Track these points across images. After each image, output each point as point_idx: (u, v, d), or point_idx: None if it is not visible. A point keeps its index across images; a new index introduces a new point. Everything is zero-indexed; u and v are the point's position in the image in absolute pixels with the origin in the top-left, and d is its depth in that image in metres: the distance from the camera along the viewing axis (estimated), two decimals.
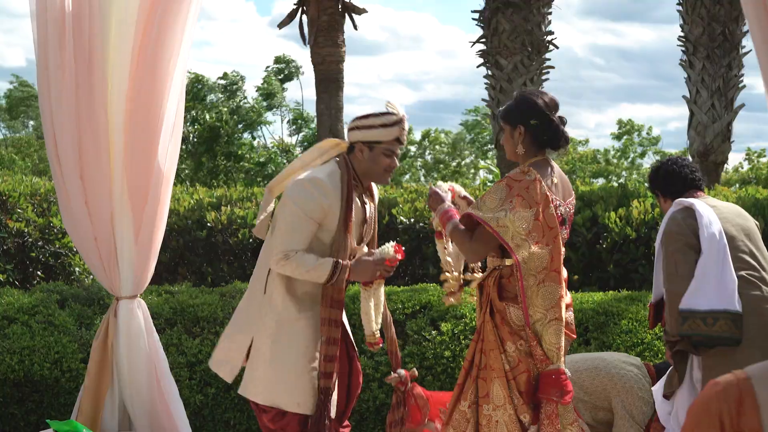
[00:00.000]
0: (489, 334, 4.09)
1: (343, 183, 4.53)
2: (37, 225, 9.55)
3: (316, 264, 4.42)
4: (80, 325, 7.23)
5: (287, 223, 4.45)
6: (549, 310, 4.01)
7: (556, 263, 4.02)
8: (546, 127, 4.16)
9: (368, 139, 4.53)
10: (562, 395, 3.98)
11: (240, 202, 10.14)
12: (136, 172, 5.75)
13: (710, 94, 13.69)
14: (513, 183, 4.06)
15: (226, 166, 27.72)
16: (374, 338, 4.74)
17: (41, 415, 6.84)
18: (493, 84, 14.21)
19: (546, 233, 4.01)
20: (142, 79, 5.68)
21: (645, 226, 8.36)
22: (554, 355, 4.00)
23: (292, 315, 4.56)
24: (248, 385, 4.68)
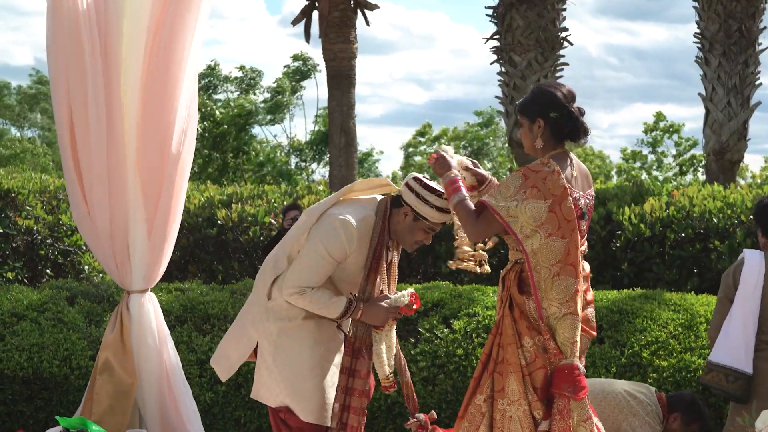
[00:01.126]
0: (507, 329, 4.03)
1: (375, 232, 4.53)
2: (47, 222, 9.52)
3: (330, 302, 4.46)
4: (89, 323, 7.19)
5: (309, 258, 4.46)
6: (564, 303, 3.94)
7: (572, 257, 3.95)
8: (566, 119, 4.08)
9: (418, 211, 4.48)
10: (575, 391, 3.91)
11: (251, 199, 10.11)
12: (149, 168, 5.75)
13: (726, 91, 13.58)
14: (530, 173, 3.99)
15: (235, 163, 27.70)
16: (388, 381, 4.71)
17: (50, 412, 6.79)
18: (506, 81, 14.14)
19: (562, 225, 3.94)
20: (154, 77, 5.69)
21: (660, 224, 8.29)
22: (568, 350, 3.94)
23: (296, 322, 4.55)
24: (259, 390, 4.67)
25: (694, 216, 8.29)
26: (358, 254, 4.51)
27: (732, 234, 8.07)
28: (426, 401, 6.45)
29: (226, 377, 4.82)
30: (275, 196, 10.13)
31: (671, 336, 6.35)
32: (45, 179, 10.50)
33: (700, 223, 8.21)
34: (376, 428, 6.53)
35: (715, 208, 8.31)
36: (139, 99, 5.73)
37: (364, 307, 4.50)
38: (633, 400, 5.24)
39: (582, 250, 4.12)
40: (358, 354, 4.57)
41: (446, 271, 8.78)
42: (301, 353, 4.52)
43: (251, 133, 29.19)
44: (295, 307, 4.53)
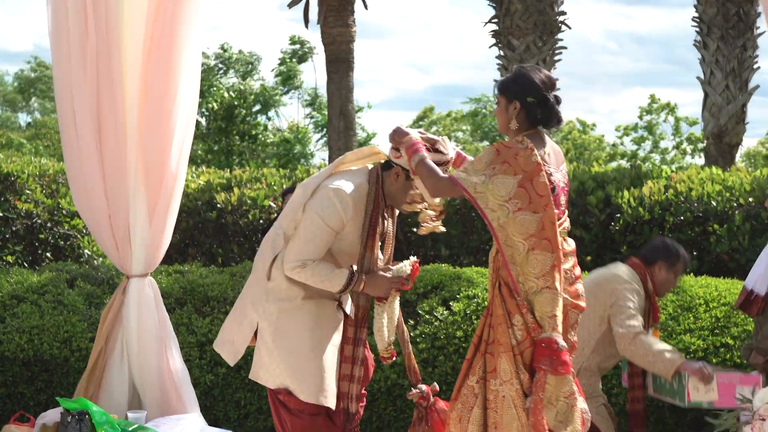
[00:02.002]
0: (497, 308, 4.06)
1: (369, 199, 4.53)
2: (46, 206, 9.53)
3: (332, 274, 4.45)
4: (90, 305, 7.20)
5: (308, 231, 4.46)
6: (540, 278, 3.98)
7: (548, 231, 3.98)
8: (542, 106, 4.17)
9: (407, 168, 4.49)
10: (553, 365, 3.93)
11: (250, 183, 10.10)
12: (151, 151, 5.75)
13: (725, 75, 13.58)
14: (503, 149, 4.06)
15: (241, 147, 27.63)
16: (387, 352, 4.71)
17: (51, 394, 6.81)
18: (505, 65, 14.14)
19: (534, 200, 3.98)
20: (156, 61, 5.68)
21: (659, 207, 8.30)
22: (546, 324, 3.97)
23: (295, 302, 4.55)
24: (258, 371, 4.67)
25: (693, 199, 8.30)
26: (355, 223, 4.50)
27: (731, 217, 8.09)
28: (426, 383, 6.45)
29: (233, 361, 4.81)
30: (274, 180, 10.13)
31: (670, 318, 6.37)
32: (44, 163, 10.49)
33: (698, 206, 8.22)
34: (376, 410, 6.55)
35: (713, 191, 8.32)
36: (140, 82, 5.73)
37: (366, 278, 4.49)
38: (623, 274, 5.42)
39: (565, 226, 4.16)
40: (362, 323, 4.58)
41: (446, 253, 8.79)
42: (301, 334, 4.53)
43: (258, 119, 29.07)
44: (294, 288, 4.53)
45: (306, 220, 4.48)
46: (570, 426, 4.00)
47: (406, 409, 6.50)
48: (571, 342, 4.17)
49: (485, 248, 8.71)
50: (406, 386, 6.56)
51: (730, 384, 5.05)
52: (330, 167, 4.72)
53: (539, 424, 3.90)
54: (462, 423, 4.08)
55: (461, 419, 4.08)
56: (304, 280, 4.47)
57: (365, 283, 4.50)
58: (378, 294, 4.56)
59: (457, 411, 4.12)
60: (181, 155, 5.87)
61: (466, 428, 4.06)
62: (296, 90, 31.18)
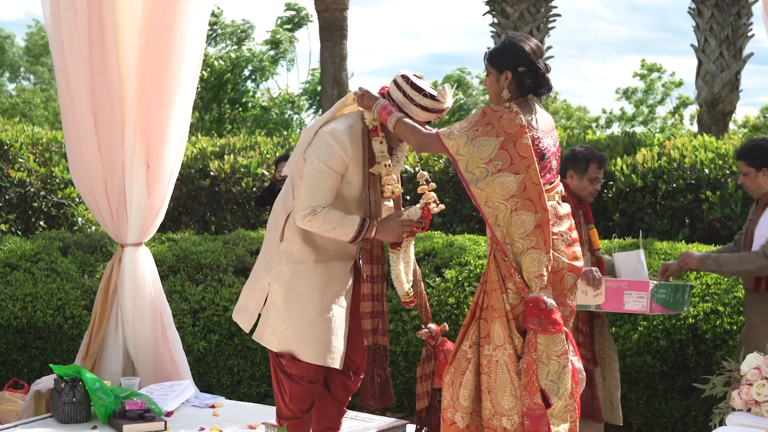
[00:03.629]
0: (492, 274, 4.08)
1: (365, 136, 4.48)
2: (39, 175, 9.52)
3: (343, 221, 4.37)
4: (83, 272, 7.22)
5: (311, 177, 4.38)
6: (524, 238, 3.99)
7: (530, 192, 4.00)
8: (533, 75, 4.17)
9: (405, 110, 4.41)
10: (541, 324, 3.94)
11: (243, 150, 10.10)
12: (150, 122, 5.74)
13: (718, 42, 13.55)
14: (489, 111, 4.07)
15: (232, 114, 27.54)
16: (408, 297, 4.63)
17: (44, 361, 6.84)
18: (498, 33, 14.09)
19: (516, 162, 3.99)
20: (157, 30, 5.67)
21: (652, 175, 8.31)
22: (533, 284, 3.98)
23: (308, 264, 4.49)
24: (263, 332, 4.59)
25: (686, 167, 8.31)
26: (357, 164, 4.44)
27: (723, 184, 8.10)
28: (418, 349, 6.51)
29: (248, 328, 4.72)
30: (267, 148, 10.13)
31: None
32: (37, 131, 10.48)
33: (691, 173, 8.23)
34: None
35: (706, 158, 8.33)
36: (138, 49, 5.71)
37: (378, 224, 4.43)
38: None
39: (558, 190, 4.17)
40: (377, 261, 4.54)
41: (438, 221, 8.81)
42: (312, 297, 4.48)
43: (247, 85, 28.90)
44: (306, 249, 4.46)
45: (308, 167, 4.41)
46: (562, 386, 4.02)
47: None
48: (570, 306, 4.17)
49: (477, 216, 8.72)
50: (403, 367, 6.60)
51: (618, 289, 5.10)
52: (332, 110, 4.66)
53: (531, 384, 3.92)
54: (454, 387, 4.10)
55: (453, 383, 4.11)
56: (316, 228, 4.38)
57: (377, 229, 4.42)
58: (391, 239, 4.48)
59: (450, 375, 4.14)
60: (182, 125, 5.87)
61: (458, 392, 4.08)
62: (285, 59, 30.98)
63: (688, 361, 6.04)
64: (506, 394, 3.98)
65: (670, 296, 5.30)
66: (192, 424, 5.23)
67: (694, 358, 6.00)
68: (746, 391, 3.97)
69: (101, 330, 5.86)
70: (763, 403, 3.91)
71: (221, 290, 6.99)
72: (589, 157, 5.45)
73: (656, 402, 6.11)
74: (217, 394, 6.49)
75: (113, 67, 5.67)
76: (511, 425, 3.96)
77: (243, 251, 7.39)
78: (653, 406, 6.12)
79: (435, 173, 9.12)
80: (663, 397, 6.11)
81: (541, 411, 3.92)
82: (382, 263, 4.58)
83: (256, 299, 4.61)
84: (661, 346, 6.03)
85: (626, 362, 6.08)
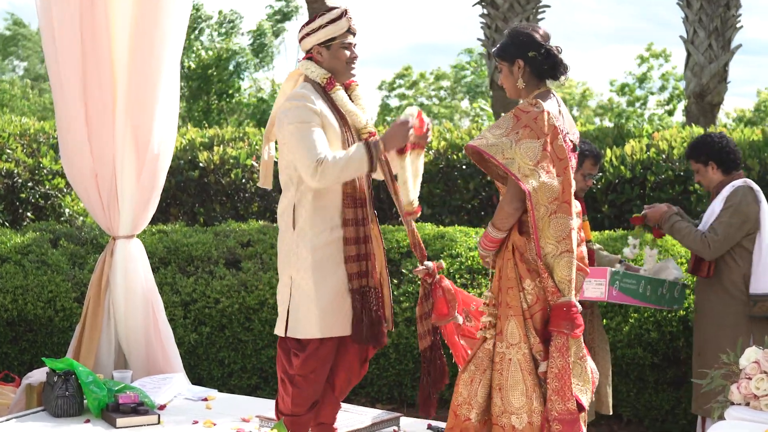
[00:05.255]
0: (510, 271, 4.03)
1: (319, 90, 4.51)
2: (27, 166, 9.48)
3: (351, 153, 4.34)
4: (73, 265, 7.20)
5: (297, 139, 4.37)
6: (560, 242, 3.96)
7: (566, 194, 3.98)
8: (545, 57, 4.12)
9: (322, 40, 4.52)
10: (573, 328, 3.94)
11: (232, 142, 10.06)
12: (140, 111, 5.74)
13: (707, 34, 13.56)
14: (521, 114, 4.01)
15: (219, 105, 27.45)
16: (412, 207, 4.57)
17: (35, 354, 6.83)
18: (488, 23, 14.06)
19: (556, 164, 3.97)
20: (145, 17, 5.65)
21: (640, 166, 8.32)
22: (565, 288, 3.96)
23: (324, 240, 4.46)
24: (297, 326, 4.48)
25: (675, 158, 8.33)
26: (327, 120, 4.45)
27: None
28: (409, 341, 6.52)
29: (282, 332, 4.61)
30: (256, 139, 10.10)
31: None
32: (25, 122, 10.43)
33: (680, 165, 8.25)
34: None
35: None
36: (128, 43, 5.70)
37: (382, 136, 4.42)
38: None
39: (573, 188, 4.15)
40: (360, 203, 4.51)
41: (428, 212, 8.81)
42: (336, 270, 4.47)
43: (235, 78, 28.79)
44: (318, 229, 4.44)
45: (288, 136, 4.40)
46: (588, 387, 4.03)
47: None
48: None
49: (467, 207, 8.74)
50: None
51: None
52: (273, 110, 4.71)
53: (566, 390, 3.89)
54: (473, 384, 4.06)
55: (473, 381, 4.07)
56: (332, 177, 4.32)
57: (382, 140, 4.40)
58: (399, 143, 4.45)
59: (470, 373, 4.10)
60: (170, 115, 5.86)
61: (476, 390, 4.05)
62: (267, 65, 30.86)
63: (678, 353, 6.07)
64: (517, 392, 3.96)
65: (646, 289, 5.34)
66: (185, 418, 5.22)
67: (685, 350, 6.03)
68: (745, 385, 3.98)
69: (94, 323, 5.85)
70: (761, 398, 3.93)
71: (212, 282, 6.98)
72: (586, 152, 5.47)
73: (647, 393, 6.14)
74: (207, 387, 6.49)
75: (105, 55, 5.66)
76: (519, 424, 3.95)
77: (234, 243, 7.39)
78: (644, 398, 6.15)
79: (426, 165, 9.12)
80: (653, 388, 6.15)
81: (574, 416, 3.89)
82: (366, 206, 4.55)
83: (283, 299, 4.56)
84: (652, 338, 6.06)
85: (617, 354, 6.10)
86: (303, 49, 4.61)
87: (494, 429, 4.03)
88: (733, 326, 5.29)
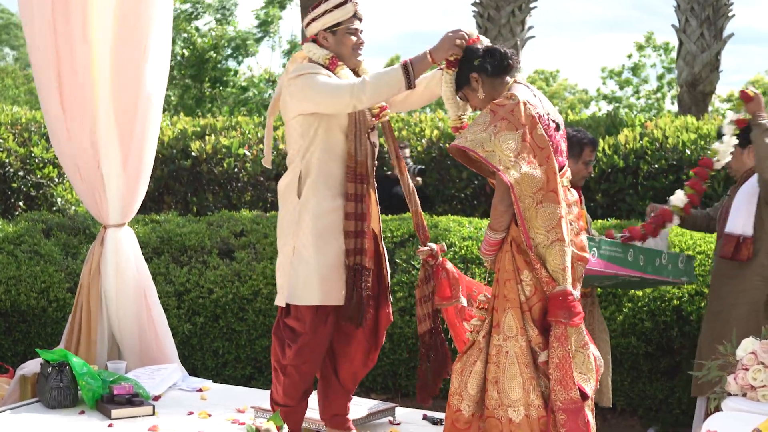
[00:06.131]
0: (507, 264, 4.03)
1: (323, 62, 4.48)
2: (18, 155, 9.45)
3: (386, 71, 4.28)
4: (66, 255, 7.18)
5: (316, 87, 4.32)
6: (550, 231, 3.96)
7: (552, 183, 3.97)
8: (489, 56, 4.18)
9: (328, 25, 4.49)
10: (571, 316, 3.93)
11: (225, 131, 10.05)
12: (123, 97, 5.68)
13: (699, 23, 13.58)
14: (497, 108, 4.02)
15: (212, 93, 27.35)
16: (460, 122, 4.43)
17: (28, 344, 6.81)
18: (480, 12, 14.06)
19: (537, 154, 3.97)
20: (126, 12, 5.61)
21: (633, 155, 8.34)
22: (560, 277, 3.95)
23: (327, 207, 4.44)
24: (296, 293, 4.45)
25: (668, 147, 8.34)
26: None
27: None
28: (403, 331, 6.52)
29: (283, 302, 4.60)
30: (249, 128, 10.08)
31: None
32: (16, 111, 10.39)
33: (673, 154, 8.27)
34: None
35: (688, 139, 8.36)
36: (111, 31, 5.65)
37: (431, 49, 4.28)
38: None
39: (567, 176, 4.14)
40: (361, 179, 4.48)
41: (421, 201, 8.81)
42: (338, 237, 4.45)
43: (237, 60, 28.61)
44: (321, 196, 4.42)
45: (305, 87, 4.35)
46: (591, 376, 4.02)
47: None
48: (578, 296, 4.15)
49: (460, 197, 8.74)
50: None
51: None
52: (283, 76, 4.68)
53: (567, 379, 3.88)
54: (464, 375, 4.07)
55: (463, 371, 4.08)
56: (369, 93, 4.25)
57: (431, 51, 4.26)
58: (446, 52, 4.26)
59: (461, 363, 4.11)
60: (153, 100, 5.80)
61: (467, 381, 4.06)
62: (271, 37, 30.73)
63: (672, 342, 6.08)
64: (514, 385, 3.95)
65: (638, 258, 5.28)
66: (180, 408, 5.22)
67: (679, 340, 6.04)
68: (742, 375, 3.98)
69: (90, 315, 5.83)
70: (759, 388, 3.92)
71: (206, 272, 6.97)
72: (584, 140, 5.45)
73: (641, 383, 6.15)
74: (202, 377, 6.48)
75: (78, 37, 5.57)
76: (516, 417, 3.94)
77: (227, 233, 7.37)
78: (638, 387, 6.16)
79: (418, 153, 9.12)
80: (647, 378, 6.16)
81: (578, 405, 3.88)
82: (367, 182, 4.52)
83: (284, 271, 4.54)
84: (646, 328, 6.07)
85: (611, 343, 6.10)
86: (309, 34, 4.59)
87: (490, 422, 4.02)
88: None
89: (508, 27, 13.92)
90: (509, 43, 13.64)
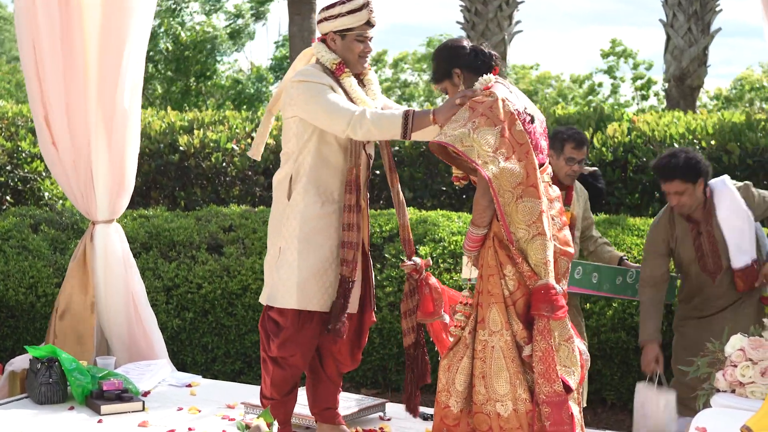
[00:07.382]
0: (490, 259, 4.05)
1: (327, 72, 4.48)
2: (5, 149, 9.40)
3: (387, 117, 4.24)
4: (54, 250, 7.15)
5: (318, 102, 4.31)
6: (531, 225, 3.98)
7: (532, 178, 3.99)
8: (475, 55, 4.22)
9: (339, 28, 4.49)
10: (553, 310, 3.95)
11: (212, 125, 10.01)
12: (107, 97, 5.69)
13: (687, 17, 13.61)
14: (476, 105, 4.05)
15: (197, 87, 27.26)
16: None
17: (17, 340, 6.79)
18: (468, 6, 14.06)
19: (516, 149, 3.99)
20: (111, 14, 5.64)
21: (622, 149, 8.34)
22: (542, 270, 3.97)
23: (315, 212, 4.44)
24: (276, 294, 4.48)
25: (656, 141, 8.35)
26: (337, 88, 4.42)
27: None
28: (393, 326, 6.52)
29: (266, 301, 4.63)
30: (237, 122, 10.05)
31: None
32: (3, 105, 10.34)
33: (661, 148, 8.27)
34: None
35: (676, 133, 8.37)
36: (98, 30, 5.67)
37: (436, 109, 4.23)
38: None
39: (548, 172, 4.17)
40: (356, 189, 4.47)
41: (409, 196, 8.81)
42: (324, 243, 4.46)
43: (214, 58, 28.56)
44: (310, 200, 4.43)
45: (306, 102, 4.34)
46: (576, 369, 4.04)
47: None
48: (563, 291, 4.16)
49: (449, 191, 8.73)
50: None
51: None
52: (281, 84, 4.69)
53: (551, 372, 3.90)
54: (451, 371, 4.08)
55: (450, 368, 4.10)
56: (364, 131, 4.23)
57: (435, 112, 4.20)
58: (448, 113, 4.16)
59: (448, 359, 4.12)
60: (135, 97, 5.81)
61: (454, 377, 4.07)
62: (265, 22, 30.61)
63: (662, 337, 6.09)
64: (501, 380, 3.97)
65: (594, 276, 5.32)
66: (170, 404, 5.22)
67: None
68: (731, 372, 4.00)
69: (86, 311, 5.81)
70: (747, 385, 3.95)
71: (194, 267, 6.95)
72: (565, 136, 5.43)
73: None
74: (191, 372, 6.47)
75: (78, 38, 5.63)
76: (504, 411, 3.96)
77: (216, 228, 7.36)
78: (627, 382, 6.18)
79: (405, 148, 9.12)
80: (637, 372, 6.16)
81: (561, 398, 3.91)
82: (358, 192, 4.50)
83: (269, 269, 4.56)
84: (636, 323, 6.08)
85: (600, 338, 6.12)
86: (320, 31, 4.58)
87: (478, 417, 4.04)
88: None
89: (496, 21, 13.93)
90: (497, 38, 13.66)
